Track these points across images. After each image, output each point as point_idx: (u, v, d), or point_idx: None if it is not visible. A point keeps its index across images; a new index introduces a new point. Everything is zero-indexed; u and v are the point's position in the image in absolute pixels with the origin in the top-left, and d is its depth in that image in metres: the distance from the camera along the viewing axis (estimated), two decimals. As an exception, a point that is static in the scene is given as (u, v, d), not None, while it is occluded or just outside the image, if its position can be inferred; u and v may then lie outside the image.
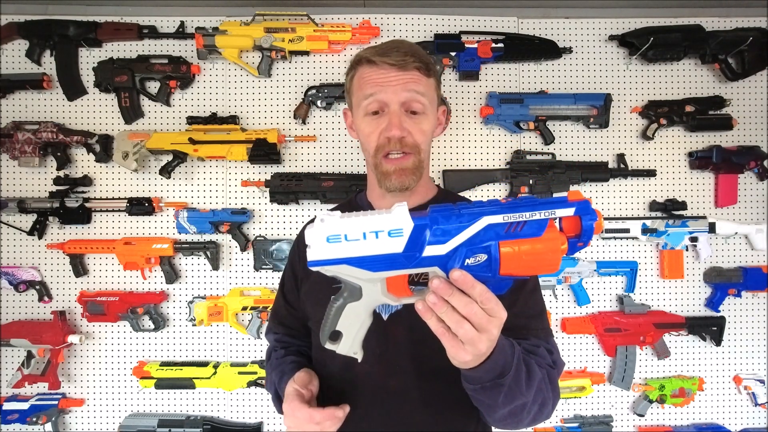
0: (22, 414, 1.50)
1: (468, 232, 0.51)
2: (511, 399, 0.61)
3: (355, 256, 0.51)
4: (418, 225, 0.51)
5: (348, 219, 0.52)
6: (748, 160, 1.57)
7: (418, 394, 0.77)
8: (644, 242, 1.59)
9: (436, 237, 0.51)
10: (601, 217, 0.51)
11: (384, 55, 0.78)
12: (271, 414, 1.59)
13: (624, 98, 1.62)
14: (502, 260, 0.50)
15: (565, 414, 1.61)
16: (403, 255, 0.51)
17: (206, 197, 1.59)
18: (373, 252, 0.51)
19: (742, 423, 1.62)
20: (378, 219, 0.51)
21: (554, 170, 1.55)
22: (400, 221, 0.51)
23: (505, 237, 0.50)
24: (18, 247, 1.58)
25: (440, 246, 0.51)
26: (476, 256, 0.50)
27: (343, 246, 0.51)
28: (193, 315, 1.54)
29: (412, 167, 0.80)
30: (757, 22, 1.62)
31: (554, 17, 1.62)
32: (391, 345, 0.77)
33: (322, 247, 0.52)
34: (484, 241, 0.50)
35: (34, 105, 1.59)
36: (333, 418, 0.71)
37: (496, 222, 0.50)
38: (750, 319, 1.63)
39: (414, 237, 0.51)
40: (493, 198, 0.54)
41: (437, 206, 0.54)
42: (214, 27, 1.54)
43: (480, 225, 0.50)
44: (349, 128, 0.92)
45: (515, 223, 0.50)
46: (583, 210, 0.50)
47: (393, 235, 0.51)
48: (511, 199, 0.53)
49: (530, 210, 0.50)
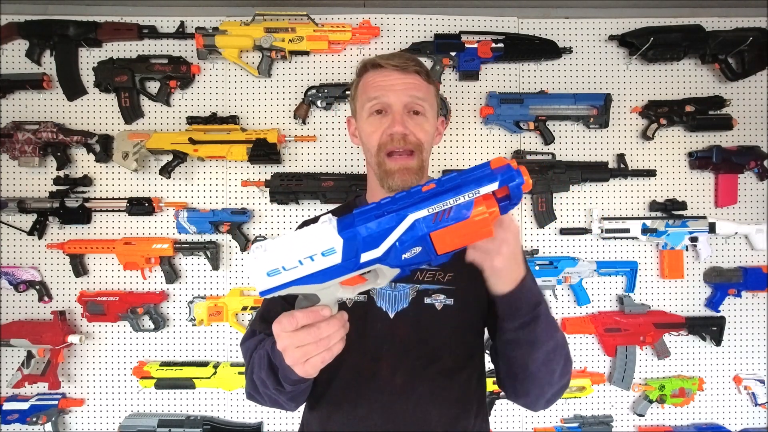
0: (22, 414, 1.50)
1: (396, 232, 0.52)
2: (550, 332, 0.66)
3: (299, 277, 0.53)
4: (347, 239, 0.53)
5: (281, 249, 0.53)
6: (748, 160, 1.57)
7: (422, 391, 0.78)
8: (644, 242, 1.59)
9: (367, 244, 0.53)
10: (527, 175, 0.51)
11: (388, 59, 0.84)
12: (271, 414, 1.59)
13: (624, 98, 1.62)
14: (436, 246, 0.52)
15: (565, 414, 1.61)
16: (342, 265, 0.53)
17: (206, 197, 1.59)
18: (314, 270, 0.53)
19: (742, 423, 1.62)
20: (309, 243, 0.53)
21: (554, 170, 1.55)
22: (330, 240, 0.52)
23: (434, 227, 0.51)
24: (18, 247, 1.58)
25: (374, 250, 0.53)
26: (411, 250, 0.52)
27: (284, 275, 0.53)
28: (193, 315, 1.54)
29: (416, 167, 0.83)
30: (757, 22, 1.62)
31: (554, 17, 1.62)
32: (397, 342, 0.78)
33: (265, 280, 0.53)
34: (415, 236, 0.52)
35: (34, 105, 1.59)
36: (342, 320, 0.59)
37: (422, 216, 0.52)
38: (750, 319, 1.63)
39: (347, 249, 0.53)
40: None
41: (361, 210, 0.55)
42: (214, 27, 1.54)
43: (406, 224, 0.52)
44: (352, 136, 0.94)
45: (440, 212, 0.51)
46: (507, 179, 0.51)
47: (327, 255, 0.53)
48: (434, 185, 0.53)
49: (454, 195, 0.51)
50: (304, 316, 0.57)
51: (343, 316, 0.60)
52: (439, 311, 0.80)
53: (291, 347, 0.58)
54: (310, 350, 0.57)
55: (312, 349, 0.57)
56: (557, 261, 1.55)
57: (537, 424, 1.60)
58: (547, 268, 1.55)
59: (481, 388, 0.85)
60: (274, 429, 1.59)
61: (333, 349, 0.59)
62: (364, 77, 0.87)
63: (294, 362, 0.59)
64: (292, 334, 0.58)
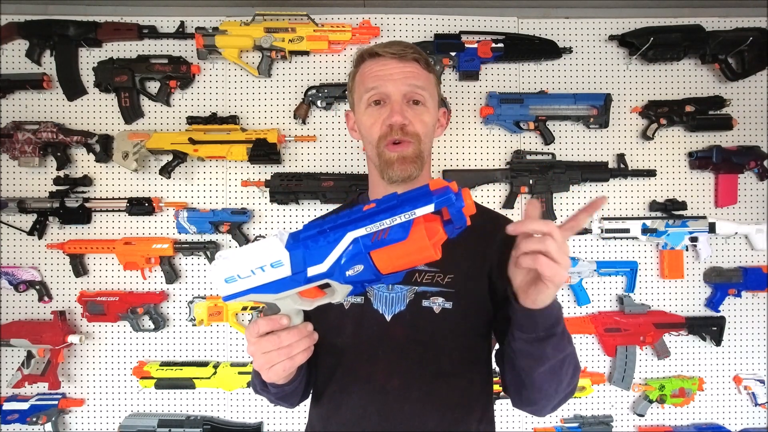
0: (22, 414, 1.50)
1: (338, 249, 0.54)
2: (562, 347, 0.65)
3: (254, 286, 0.57)
4: (293, 253, 0.55)
5: (236, 258, 0.56)
6: (748, 160, 1.57)
7: (419, 394, 0.77)
8: (644, 242, 1.59)
9: (313, 258, 0.55)
10: (469, 198, 0.50)
11: (385, 47, 0.82)
12: (271, 414, 1.59)
13: (624, 98, 1.62)
14: (378, 266, 0.53)
15: (565, 414, 1.61)
16: (291, 278, 0.56)
17: (206, 197, 1.59)
18: (267, 280, 0.56)
19: (742, 423, 1.62)
20: (259, 255, 0.55)
21: (554, 170, 1.55)
22: (277, 253, 0.55)
23: (373, 246, 0.52)
24: (18, 247, 1.58)
25: (320, 265, 0.55)
26: (354, 268, 0.54)
27: (240, 283, 0.57)
28: (193, 315, 1.54)
29: (412, 155, 0.80)
30: (757, 22, 1.62)
31: (554, 17, 1.62)
32: (393, 345, 0.77)
33: (225, 287, 0.57)
34: (356, 254, 0.53)
35: (34, 105, 1.59)
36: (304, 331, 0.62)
37: (361, 234, 0.53)
38: (750, 319, 1.63)
39: (295, 262, 0.55)
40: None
41: (310, 224, 0.58)
42: (214, 27, 1.54)
43: (346, 241, 0.53)
44: (351, 130, 0.92)
45: (378, 232, 0.52)
46: (443, 202, 0.50)
47: (276, 266, 0.55)
48: (374, 205, 0.54)
49: (390, 215, 0.51)
50: (265, 323, 0.60)
51: (305, 327, 0.62)
52: (437, 314, 0.78)
53: (257, 353, 0.61)
54: (273, 357, 0.61)
55: (274, 357, 0.61)
56: (557, 261, 1.55)
57: (537, 424, 1.60)
58: (547, 268, 1.55)
59: (487, 393, 0.83)
60: (274, 429, 1.59)
61: (295, 358, 0.61)
62: (362, 67, 0.84)
63: (260, 367, 0.63)
64: (257, 341, 0.61)
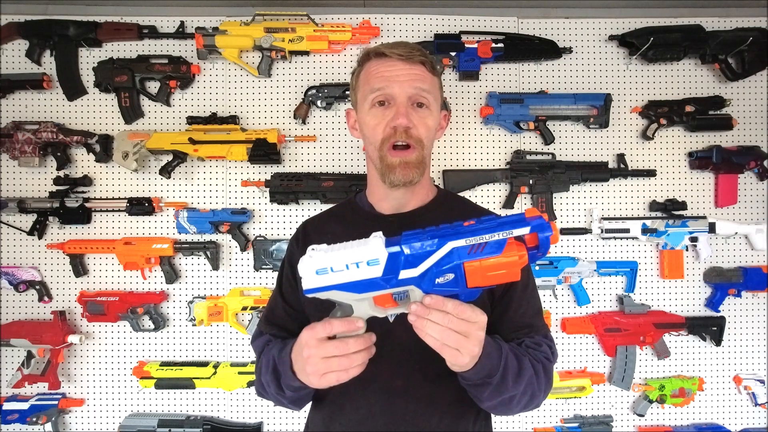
0: (22, 414, 1.50)
1: (435, 256, 0.58)
2: (497, 394, 0.69)
3: (342, 282, 0.60)
4: (391, 254, 0.59)
5: (333, 252, 0.61)
6: (748, 160, 1.57)
7: (422, 394, 0.78)
8: (644, 242, 1.59)
9: (408, 262, 0.59)
10: (556, 230, 0.58)
11: (392, 47, 0.81)
12: (271, 414, 1.59)
13: (624, 98, 1.62)
14: (467, 277, 0.58)
15: (565, 414, 1.61)
16: (381, 279, 0.60)
17: (206, 197, 1.59)
18: (356, 278, 0.60)
19: (742, 423, 1.62)
20: (358, 251, 0.60)
21: (554, 170, 1.55)
22: (376, 252, 0.59)
23: (469, 257, 0.57)
24: (18, 247, 1.58)
25: (413, 270, 0.59)
26: (445, 276, 0.58)
27: (330, 276, 0.60)
28: (193, 315, 1.54)
29: (415, 161, 0.81)
30: (757, 22, 1.62)
31: (554, 17, 1.62)
32: (397, 346, 0.78)
33: (313, 278, 0.61)
34: (451, 263, 0.58)
35: (34, 105, 1.59)
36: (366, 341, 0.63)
37: (460, 246, 0.57)
38: (750, 319, 1.63)
39: (389, 264, 0.59)
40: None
41: (409, 233, 0.61)
42: (214, 27, 1.54)
43: (445, 250, 0.58)
44: (351, 129, 0.92)
45: (477, 245, 0.57)
46: (537, 228, 0.57)
47: (371, 264, 0.59)
48: (474, 222, 0.60)
49: (489, 232, 0.57)
50: (341, 323, 0.61)
51: (371, 337, 0.63)
52: None
53: (316, 356, 0.61)
54: (333, 364, 0.61)
55: (335, 363, 0.61)
56: (557, 261, 1.55)
57: (537, 424, 1.60)
58: (547, 268, 1.55)
59: None
60: (274, 429, 1.59)
61: (351, 371, 0.62)
62: (367, 66, 0.83)
63: (314, 372, 0.62)
64: (320, 343, 0.61)
